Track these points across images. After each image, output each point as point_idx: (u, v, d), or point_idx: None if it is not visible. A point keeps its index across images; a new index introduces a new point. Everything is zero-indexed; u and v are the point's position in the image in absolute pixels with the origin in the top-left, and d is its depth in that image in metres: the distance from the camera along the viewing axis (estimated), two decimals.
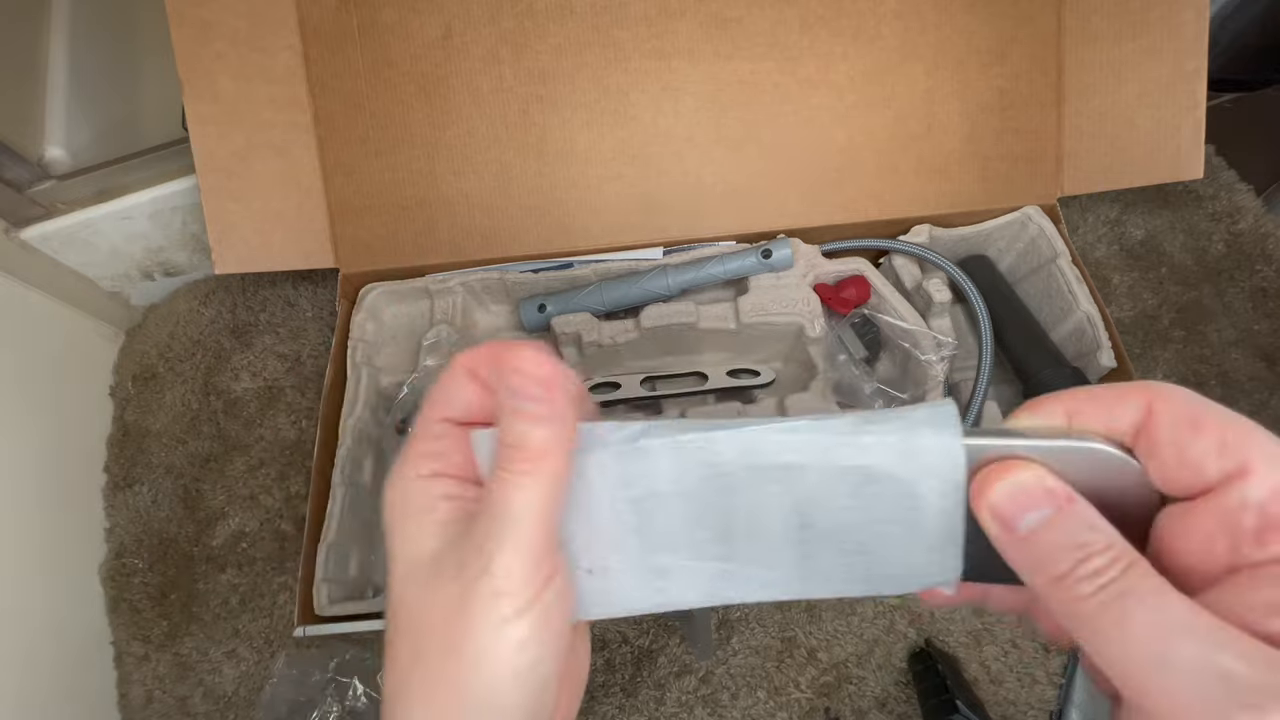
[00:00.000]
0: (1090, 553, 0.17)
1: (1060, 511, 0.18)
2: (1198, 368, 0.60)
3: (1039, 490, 0.18)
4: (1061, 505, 0.18)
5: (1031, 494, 0.18)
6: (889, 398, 0.53)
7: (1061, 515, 0.18)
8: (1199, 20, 0.53)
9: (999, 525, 0.18)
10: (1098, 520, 0.18)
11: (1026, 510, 0.18)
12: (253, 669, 0.56)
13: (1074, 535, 0.17)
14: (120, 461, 0.65)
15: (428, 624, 0.20)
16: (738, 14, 0.53)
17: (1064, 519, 0.18)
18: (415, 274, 0.58)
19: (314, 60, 0.54)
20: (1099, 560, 0.17)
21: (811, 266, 0.55)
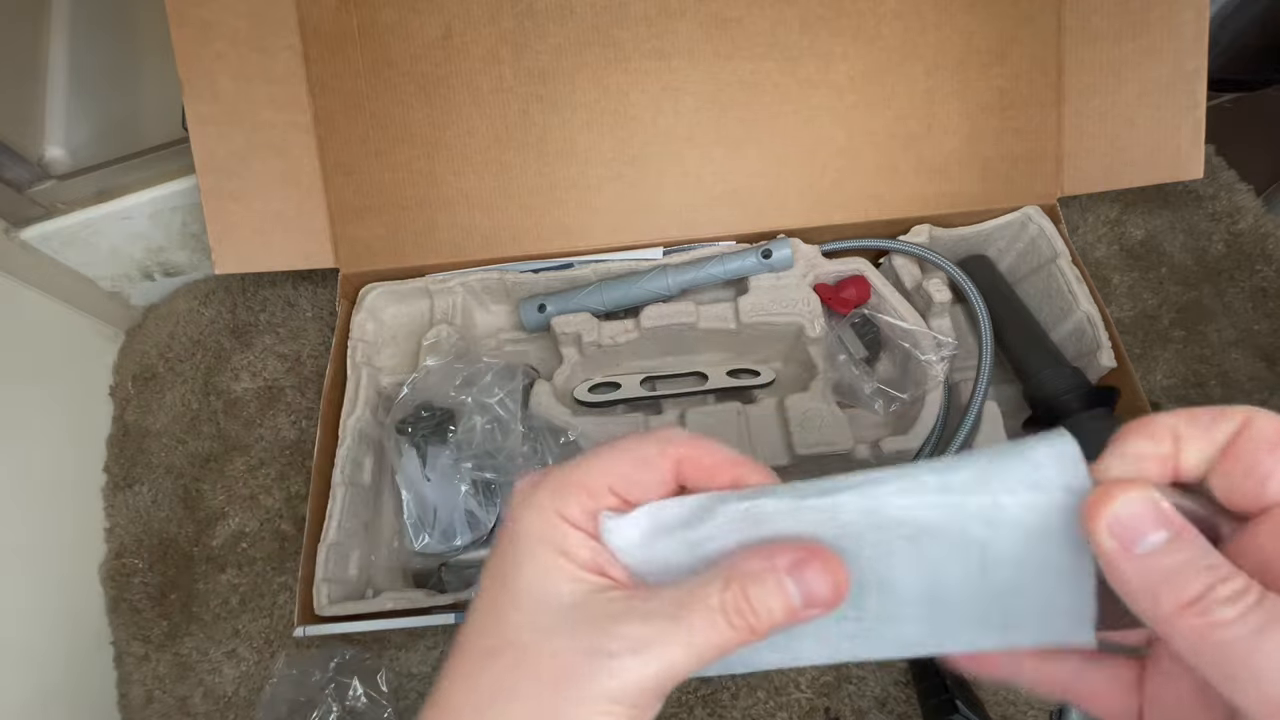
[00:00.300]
0: (1223, 576, 0.16)
1: (1181, 535, 0.17)
2: (1198, 368, 0.60)
3: (1157, 511, 0.17)
4: (1181, 530, 0.17)
5: (1151, 514, 0.17)
6: (889, 398, 0.53)
7: (1183, 538, 0.17)
8: (1199, 20, 0.53)
9: (1117, 544, 0.17)
10: (1213, 550, 0.17)
11: (1146, 531, 0.17)
12: (253, 669, 0.56)
13: (1202, 558, 0.16)
14: (120, 461, 0.65)
15: (532, 671, 0.20)
16: (738, 14, 0.53)
17: (1187, 542, 0.17)
18: (415, 274, 0.58)
19: (314, 60, 0.54)
20: (1236, 584, 0.16)
21: (811, 266, 0.55)
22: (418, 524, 0.47)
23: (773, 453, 0.50)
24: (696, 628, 0.19)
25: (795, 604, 0.19)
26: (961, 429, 0.50)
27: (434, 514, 0.45)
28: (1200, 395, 0.59)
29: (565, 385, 0.55)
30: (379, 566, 0.52)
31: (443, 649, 0.54)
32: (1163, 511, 0.17)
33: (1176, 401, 0.59)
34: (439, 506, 0.46)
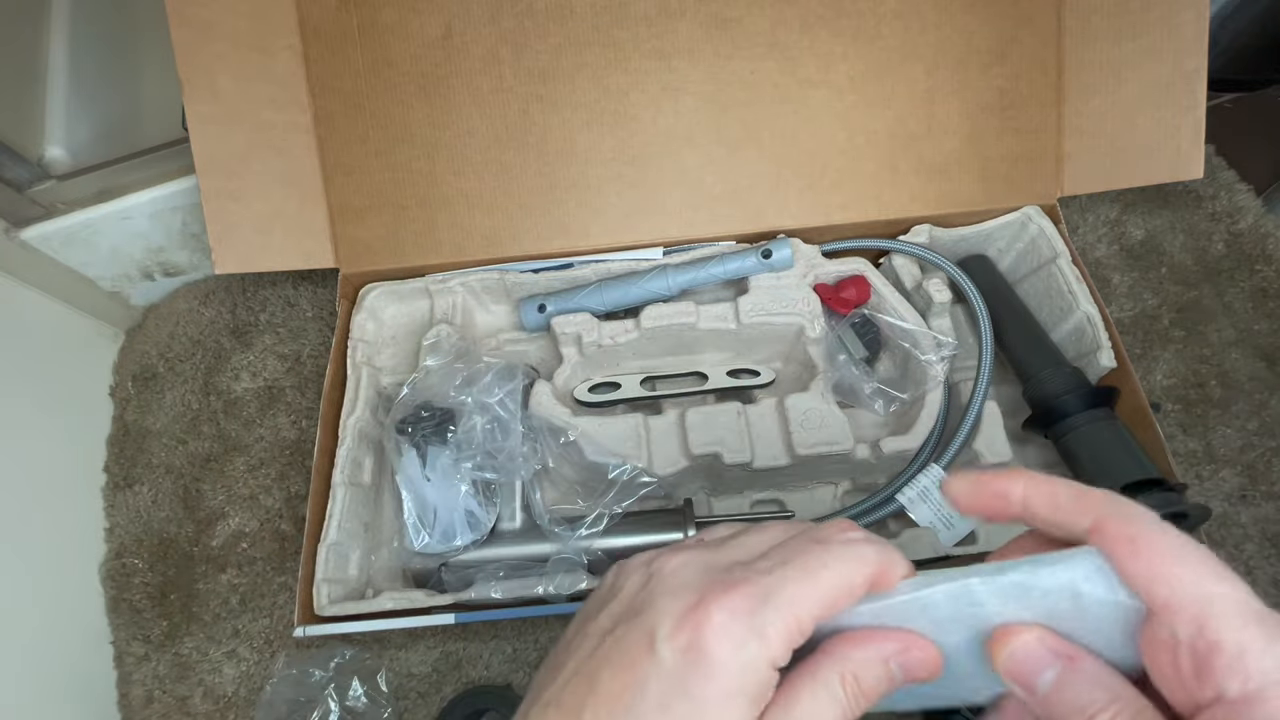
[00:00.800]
0: (1094, 712, 0.18)
1: (1065, 669, 0.19)
2: (1198, 368, 0.60)
3: (1041, 651, 0.19)
4: (1065, 663, 0.19)
5: (1040, 653, 0.19)
6: (889, 398, 0.53)
7: (1067, 673, 0.19)
8: (1199, 20, 0.53)
9: (1022, 689, 0.20)
10: (1102, 673, 0.19)
11: (1037, 672, 0.19)
12: (253, 669, 0.56)
13: (1081, 694, 0.19)
14: (120, 461, 0.65)
15: None
16: (738, 14, 0.53)
17: (1071, 676, 0.19)
18: (415, 274, 0.58)
19: (314, 60, 0.54)
20: (1131, 709, 0.18)
21: (811, 266, 0.55)
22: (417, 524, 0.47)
23: (773, 453, 0.50)
24: None
25: (899, 679, 0.21)
26: (961, 429, 0.50)
27: (434, 514, 0.46)
28: (1200, 395, 0.59)
29: (565, 385, 0.55)
30: (379, 566, 0.52)
31: (443, 649, 0.54)
32: (1045, 651, 0.19)
33: (1177, 401, 0.59)
34: (439, 506, 0.46)
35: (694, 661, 0.19)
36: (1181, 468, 0.56)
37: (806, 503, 0.54)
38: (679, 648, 0.20)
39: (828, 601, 0.20)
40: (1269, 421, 0.57)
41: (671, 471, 0.50)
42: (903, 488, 0.50)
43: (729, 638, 0.19)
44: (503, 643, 0.54)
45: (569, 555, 0.48)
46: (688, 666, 0.19)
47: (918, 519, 0.50)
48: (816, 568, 0.21)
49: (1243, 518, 0.54)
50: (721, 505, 0.54)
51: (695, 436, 0.50)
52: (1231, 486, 0.55)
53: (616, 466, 0.49)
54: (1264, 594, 0.51)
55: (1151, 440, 0.49)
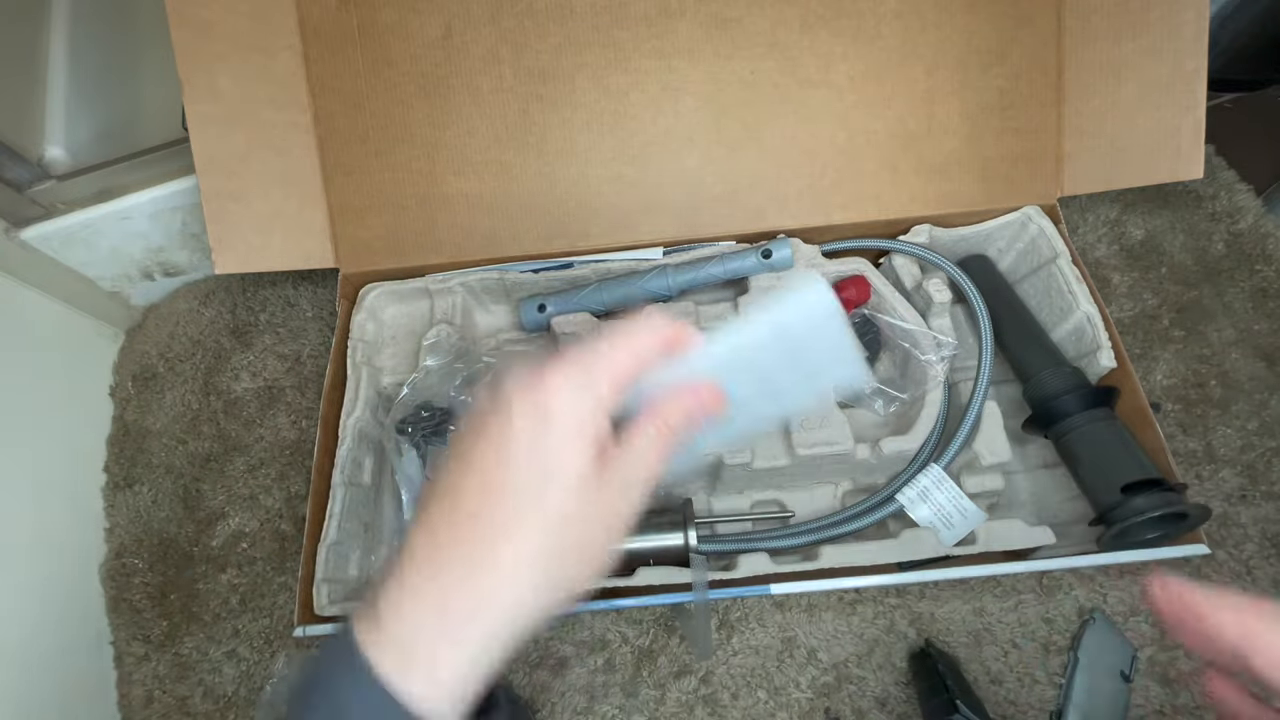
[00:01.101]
0: None
1: None
2: (1198, 368, 0.60)
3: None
4: None
5: None
6: (889, 398, 0.53)
7: None
8: (1199, 20, 0.53)
9: None
10: None
11: None
12: (253, 669, 0.56)
13: None
14: (120, 461, 0.65)
15: (580, 529, 0.26)
16: (738, 14, 0.53)
17: None
18: (415, 274, 0.58)
19: (314, 60, 0.54)
20: None
21: (811, 266, 0.55)
22: None
23: (773, 453, 0.50)
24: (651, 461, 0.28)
25: (698, 417, 0.29)
26: (961, 429, 0.50)
27: None
28: (1200, 395, 0.59)
29: None
30: (379, 567, 0.52)
31: None
32: None
33: (1177, 401, 0.59)
34: None
35: (541, 418, 0.26)
36: (1181, 468, 0.56)
37: (806, 503, 0.54)
38: (527, 412, 0.26)
39: (637, 355, 0.28)
40: (1269, 421, 0.57)
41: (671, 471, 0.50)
42: (903, 488, 0.50)
43: (565, 393, 0.26)
44: None
45: None
46: (537, 423, 0.26)
47: (918, 519, 0.50)
48: (624, 334, 0.28)
49: (1243, 518, 0.54)
50: (721, 505, 0.54)
51: None
52: (1231, 486, 0.55)
53: None
54: (1264, 594, 0.51)
55: (1151, 440, 0.49)
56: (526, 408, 0.26)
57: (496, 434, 0.26)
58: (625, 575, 0.48)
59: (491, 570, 0.25)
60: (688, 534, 0.49)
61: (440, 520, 0.26)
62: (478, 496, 0.26)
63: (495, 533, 0.25)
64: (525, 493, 0.26)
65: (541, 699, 0.52)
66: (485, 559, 0.25)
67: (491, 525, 0.26)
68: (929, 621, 0.53)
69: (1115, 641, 0.50)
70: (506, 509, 0.26)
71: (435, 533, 0.26)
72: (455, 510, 0.26)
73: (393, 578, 0.26)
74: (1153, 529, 0.47)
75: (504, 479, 0.26)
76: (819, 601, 0.54)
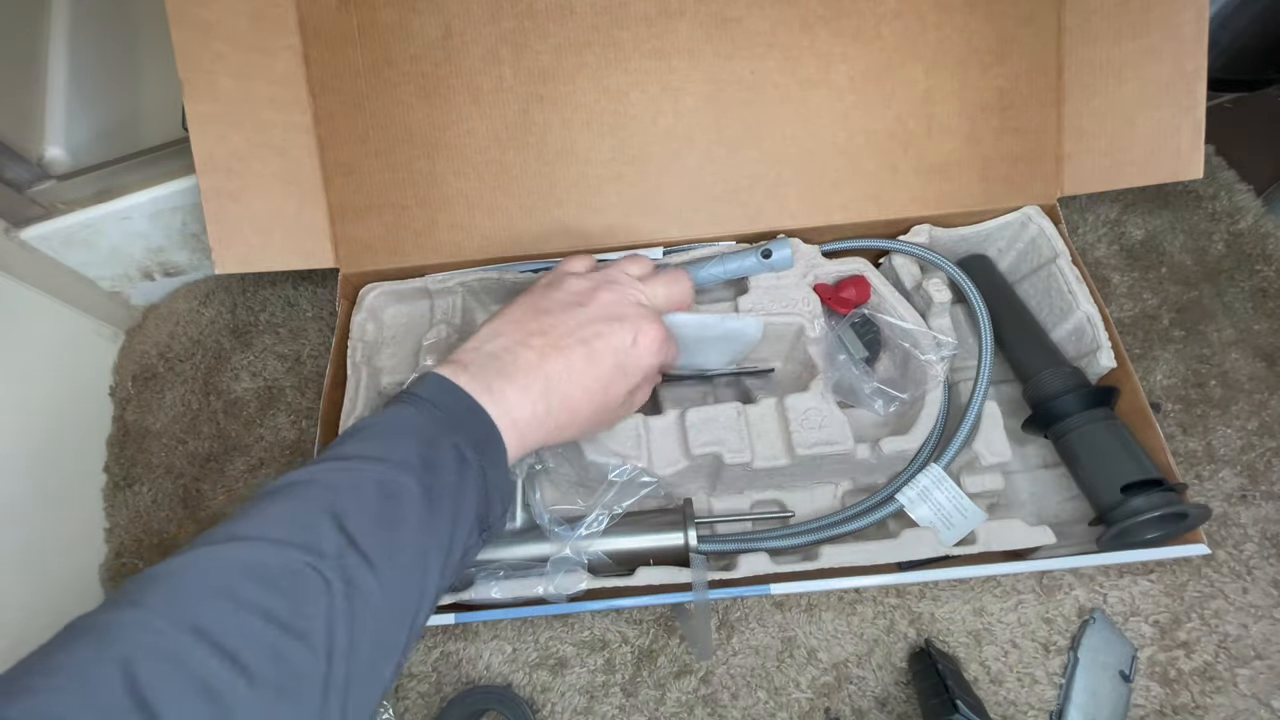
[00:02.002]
0: None
1: None
2: (1198, 368, 0.60)
3: None
4: None
5: None
6: (889, 398, 0.53)
7: None
8: (1199, 20, 0.53)
9: None
10: None
11: None
12: None
13: None
14: (120, 461, 0.65)
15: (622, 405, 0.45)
16: (738, 14, 0.53)
17: None
18: (415, 274, 0.58)
19: (314, 60, 0.54)
20: None
21: (811, 266, 0.55)
22: None
23: (773, 453, 0.50)
24: None
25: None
26: (961, 429, 0.50)
27: None
28: (1200, 395, 0.59)
29: None
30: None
31: (443, 649, 0.54)
32: None
33: (1177, 401, 0.59)
34: None
35: (641, 343, 0.42)
36: (1181, 468, 0.56)
37: (806, 502, 0.54)
38: (633, 342, 0.42)
39: (679, 303, 0.48)
40: (1269, 421, 0.57)
41: (671, 471, 0.50)
42: (903, 488, 0.50)
43: (655, 340, 0.43)
44: (503, 643, 0.54)
45: (569, 555, 0.48)
46: (635, 347, 0.42)
47: (918, 519, 0.50)
48: (680, 285, 0.48)
49: (1243, 518, 0.54)
50: (721, 505, 0.54)
51: (695, 436, 0.50)
52: (1231, 486, 0.55)
53: (616, 466, 0.49)
54: (1264, 594, 0.51)
55: (1151, 440, 0.49)
56: (641, 340, 0.42)
57: (614, 340, 0.41)
58: (625, 575, 0.48)
59: (564, 378, 0.39)
60: (688, 534, 0.49)
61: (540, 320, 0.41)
62: (586, 327, 0.41)
63: (584, 358, 0.40)
64: (613, 358, 0.41)
65: (541, 699, 0.52)
66: (563, 371, 0.40)
67: (588, 359, 0.41)
68: (929, 621, 0.53)
69: (1115, 641, 0.50)
70: (593, 344, 0.41)
71: (533, 327, 0.41)
72: (553, 319, 0.41)
73: (480, 344, 0.40)
74: (1153, 529, 0.48)
75: (605, 332, 0.41)
76: (819, 601, 0.54)
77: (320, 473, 0.32)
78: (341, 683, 0.27)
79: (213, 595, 0.27)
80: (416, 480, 0.33)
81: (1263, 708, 0.48)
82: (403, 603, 0.31)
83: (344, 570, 0.29)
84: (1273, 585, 0.52)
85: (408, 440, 0.34)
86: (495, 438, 0.37)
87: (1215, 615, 0.51)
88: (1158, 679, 0.50)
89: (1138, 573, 0.53)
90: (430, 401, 0.36)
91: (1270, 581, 0.52)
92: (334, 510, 0.30)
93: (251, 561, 0.28)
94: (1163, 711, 0.49)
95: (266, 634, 0.26)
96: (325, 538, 0.29)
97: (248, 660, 0.25)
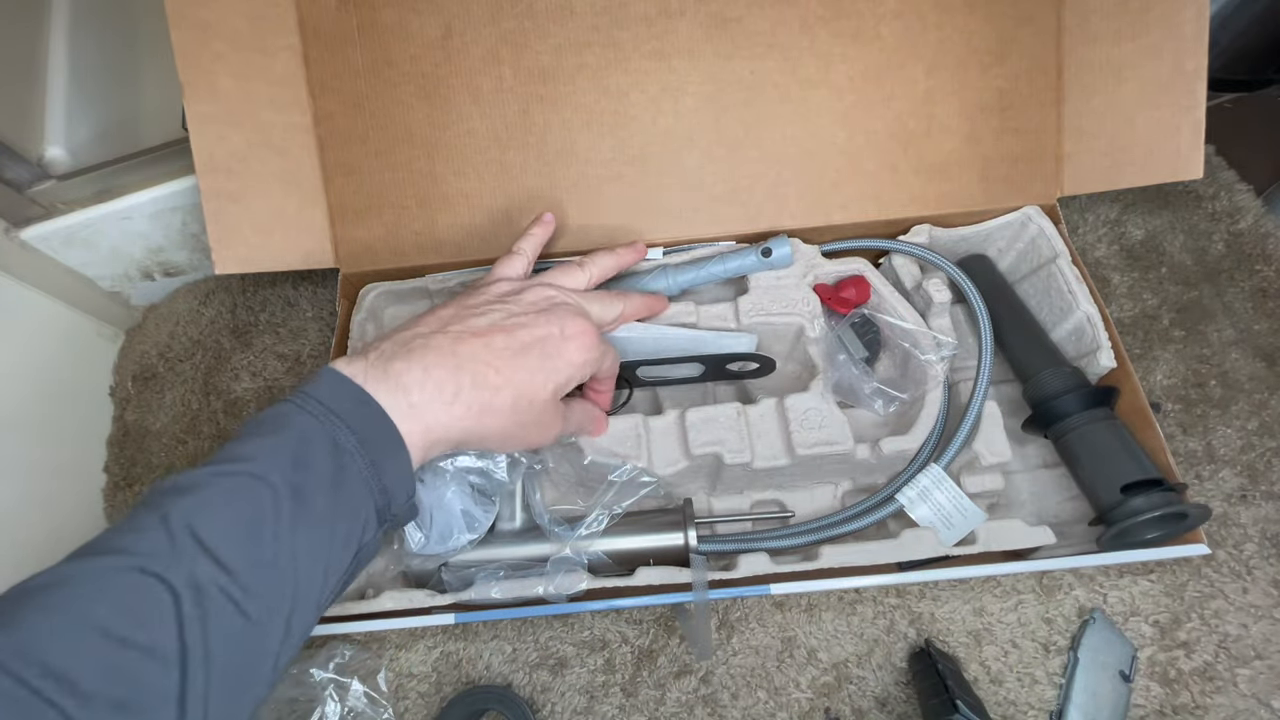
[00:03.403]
0: None
1: None
2: (1198, 368, 0.60)
3: None
4: None
5: None
6: (889, 398, 0.53)
7: None
8: (1199, 20, 0.53)
9: None
10: None
11: None
12: None
13: None
14: (120, 461, 0.65)
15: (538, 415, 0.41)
16: (738, 14, 0.53)
17: None
18: (415, 274, 0.58)
19: (314, 60, 0.54)
20: None
21: (811, 266, 0.55)
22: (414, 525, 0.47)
23: (773, 453, 0.50)
24: None
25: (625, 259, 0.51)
26: (961, 429, 0.50)
27: (430, 516, 0.46)
28: (1200, 395, 0.59)
29: None
30: (379, 567, 0.52)
31: (442, 649, 0.54)
32: None
33: (1177, 401, 0.59)
34: (434, 508, 0.46)
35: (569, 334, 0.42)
36: (1181, 468, 0.56)
37: (806, 502, 0.54)
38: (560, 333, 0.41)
39: (610, 320, 0.47)
40: (1269, 421, 0.57)
41: (671, 471, 0.50)
42: (903, 488, 0.50)
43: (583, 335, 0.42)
44: (503, 643, 0.54)
45: (569, 555, 0.48)
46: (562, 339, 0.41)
47: (918, 519, 0.50)
48: (612, 308, 0.47)
49: (1243, 518, 0.54)
50: (721, 505, 0.54)
51: (695, 436, 0.50)
52: (1231, 486, 0.55)
53: (616, 466, 0.49)
54: (1264, 594, 0.51)
55: (1151, 440, 0.49)
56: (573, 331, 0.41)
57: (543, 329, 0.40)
58: (625, 575, 0.48)
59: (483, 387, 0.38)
60: (688, 534, 0.49)
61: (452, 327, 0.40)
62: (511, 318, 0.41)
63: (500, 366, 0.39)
64: (530, 364, 0.40)
65: (541, 699, 0.52)
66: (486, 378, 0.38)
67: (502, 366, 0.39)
68: (929, 621, 0.53)
69: (1115, 641, 0.50)
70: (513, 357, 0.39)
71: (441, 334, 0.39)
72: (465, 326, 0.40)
73: (384, 346, 0.38)
74: (1152, 529, 0.48)
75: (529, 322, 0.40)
76: (819, 601, 0.54)
77: (185, 479, 0.32)
78: (201, 691, 0.27)
79: (49, 616, 0.27)
80: (283, 479, 0.32)
81: (1263, 708, 0.48)
82: (270, 603, 0.30)
83: (193, 577, 0.28)
84: (1273, 585, 0.52)
85: (280, 438, 0.33)
86: (387, 427, 0.35)
87: (1215, 615, 0.51)
88: (1158, 679, 0.50)
89: (1138, 573, 0.53)
90: (313, 396, 0.35)
91: (1270, 581, 0.52)
92: (187, 518, 0.30)
93: (95, 579, 0.28)
94: (1163, 711, 0.49)
95: (103, 651, 0.26)
96: (176, 546, 0.29)
97: (78, 679, 0.25)
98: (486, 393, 0.38)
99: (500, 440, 0.40)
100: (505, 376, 0.38)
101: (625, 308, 0.48)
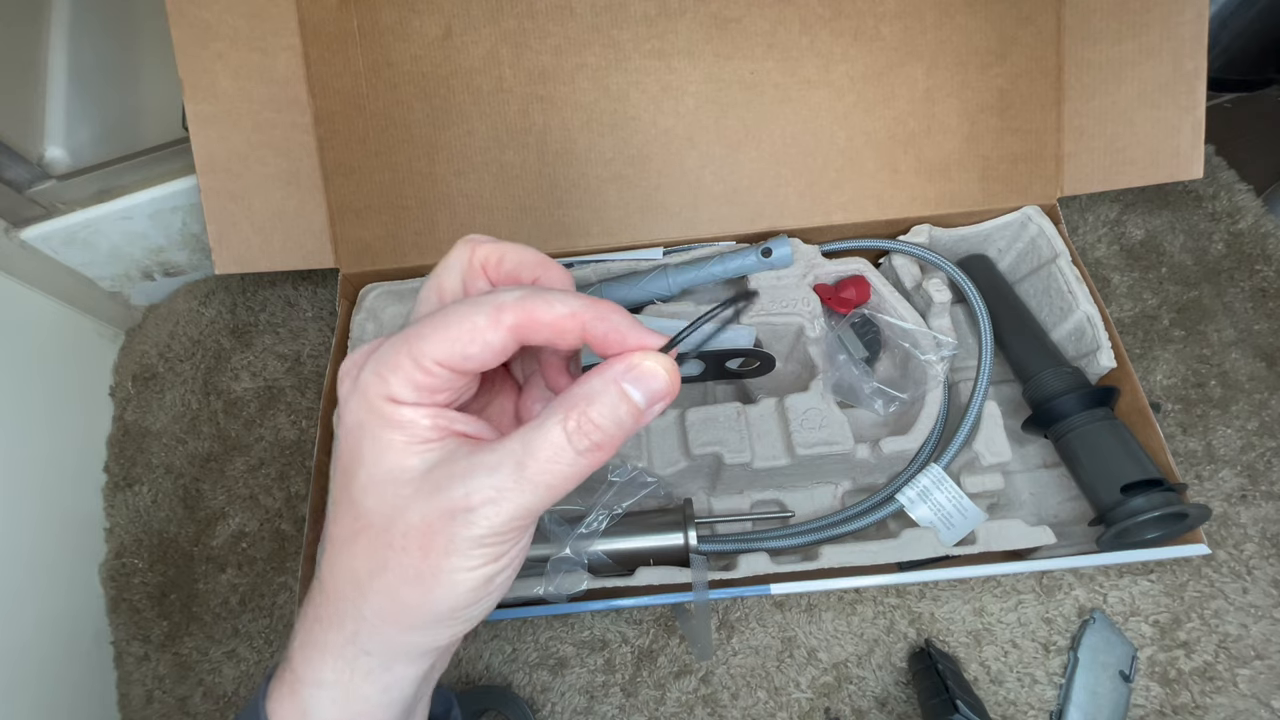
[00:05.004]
0: None
1: None
2: (1198, 368, 0.60)
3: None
4: None
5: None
6: (889, 398, 0.53)
7: None
8: (1199, 20, 0.53)
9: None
10: None
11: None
12: (253, 669, 0.56)
13: None
14: (120, 461, 0.65)
15: (399, 542, 0.21)
16: (738, 14, 0.53)
17: None
18: (415, 274, 0.58)
19: (314, 60, 0.54)
20: None
21: (811, 266, 0.55)
22: None
23: (773, 453, 0.50)
24: (543, 469, 0.21)
25: (640, 405, 0.22)
26: (961, 429, 0.50)
27: None
28: (1200, 395, 0.59)
29: None
30: None
31: None
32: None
33: (1177, 401, 0.59)
34: None
35: (342, 426, 0.23)
36: (1181, 468, 0.56)
37: (806, 502, 0.54)
38: (338, 426, 0.24)
39: (447, 349, 0.21)
40: (1269, 421, 0.57)
41: (671, 471, 0.50)
42: (903, 488, 0.50)
43: (350, 392, 0.22)
44: (503, 643, 0.54)
45: (569, 555, 0.48)
46: (341, 432, 0.23)
47: (918, 519, 0.50)
48: (438, 317, 0.22)
49: (1243, 518, 0.54)
50: (721, 505, 0.54)
51: (695, 436, 0.50)
52: (1231, 486, 0.55)
53: (616, 466, 0.49)
54: (1264, 594, 0.51)
55: (1151, 440, 0.49)
56: (351, 408, 0.23)
57: (342, 434, 0.24)
58: (625, 575, 0.48)
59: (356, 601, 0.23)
60: (688, 534, 0.49)
61: None
62: (331, 520, 0.24)
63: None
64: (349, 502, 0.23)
65: (541, 699, 0.52)
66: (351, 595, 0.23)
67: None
68: (929, 621, 0.53)
69: (1115, 641, 0.50)
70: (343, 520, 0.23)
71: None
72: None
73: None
74: (1152, 529, 0.48)
75: (334, 500, 0.24)
76: (819, 601, 0.54)
77: None
78: None
79: None
80: None
81: (1263, 708, 0.48)
82: None
83: None
84: (1273, 585, 0.52)
85: None
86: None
87: (1215, 615, 0.51)
88: (1158, 679, 0.50)
89: (1138, 573, 0.53)
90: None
91: (1270, 581, 0.52)
92: None
93: None
94: (1163, 711, 0.49)
95: None
96: None
97: None
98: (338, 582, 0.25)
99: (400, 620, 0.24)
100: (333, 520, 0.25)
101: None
